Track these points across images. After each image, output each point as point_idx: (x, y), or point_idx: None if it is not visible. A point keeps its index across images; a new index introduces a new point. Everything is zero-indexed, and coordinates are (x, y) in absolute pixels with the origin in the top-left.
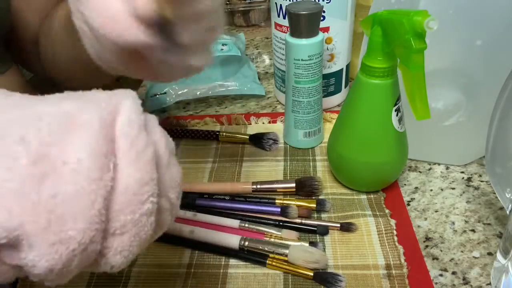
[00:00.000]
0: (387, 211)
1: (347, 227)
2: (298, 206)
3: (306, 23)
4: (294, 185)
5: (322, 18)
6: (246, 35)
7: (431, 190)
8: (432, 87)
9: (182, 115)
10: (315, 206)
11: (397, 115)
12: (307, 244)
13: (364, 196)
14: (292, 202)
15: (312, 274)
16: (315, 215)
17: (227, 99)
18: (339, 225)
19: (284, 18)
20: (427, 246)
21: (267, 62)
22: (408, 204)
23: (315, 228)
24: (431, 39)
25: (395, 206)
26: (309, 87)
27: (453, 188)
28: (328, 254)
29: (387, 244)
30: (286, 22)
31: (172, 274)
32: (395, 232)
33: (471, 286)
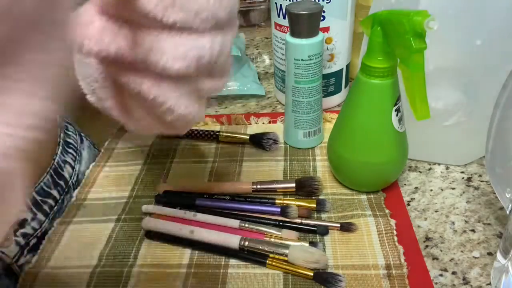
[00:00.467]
0: (387, 211)
1: (347, 227)
2: (298, 206)
3: (306, 23)
4: (294, 185)
5: (322, 18)
6: (246, 35)
7: (431, 190)
8: (432, 87)
9: None
10: (315, 206)
11: (397, 115)
12: (307, 244)
13: (364, 196)
14: (292, 202)
15: (312, 274)
16: (315, 215)
17: (227, 99)
18: (339, 225)
19: (284, 18)
20: (427, 246)
21: (267, 62)
22: (408, 204)
23: (315, 228)
24: (431, 39)
25: (395, 206)
26: (309, 87)
27: (453, 188)
28: (328, 254)
29: (387, 244)
30: (286, 22)
31: (172, 274)
32: (395, 232)
33: (471, 286)
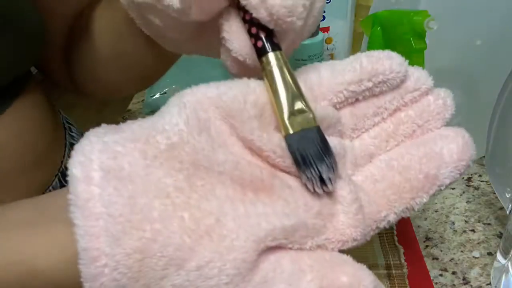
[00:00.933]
0: None
1: None
2: None
3: None
4: None
5: (322, 18)
6: None
7: None
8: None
9: None
10: None
11: None
12: None
13: None
14: None
15: None
16: None
17: None
18: None
19: None
20: (427, 246)
21: None
22: None
23: None
24: (431, 39)
25: None
26: None
27: (453, 188)
28: None
29: (387, 244)
30: None
31: None
32: (395, 232)
33: (471, 286)
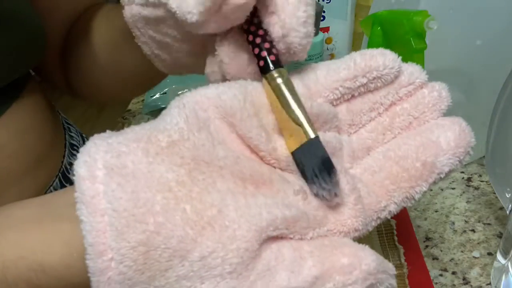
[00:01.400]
0: None
1: None
2: None
3: None
4: None
5: (322, 18)
6: None
7: (431, 190)
8: None
9: None
10: None
11: None
12: None
13: None
14: None
15: None
16: None
17: None
18: None
19: None
20: (427, 246)
21: None
22: None
23: None
24: (431, 39)
25: None
26: None
27: (453, 188)
28: None
29: (387, 244)
30: None
31: None
32: (395, 232)
33: (471, 286)
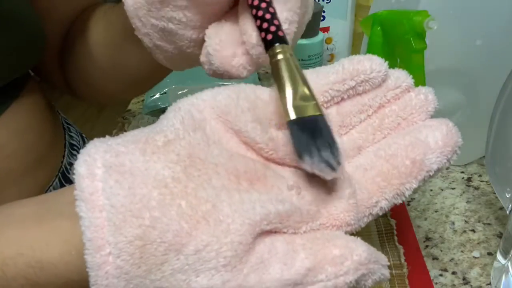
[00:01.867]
0: (387, 211)
1: None
2: None
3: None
4: None
5: (322, 18)
6: None
7: (431, 190)
8: (432, 87)
9: None
10: None
11: None
12: None
13: None
14: None
15: None
16: None
17: None
18: None
19: None
20: (427, 246)
21: None
22: (408, 204)
23: None
24: (431, 39)
25: (395, 206)
26: None
27: (453, 188)
28: None
29: (387, 244)
30: None
31: None
32: (395, 232)
33: (471, 286)
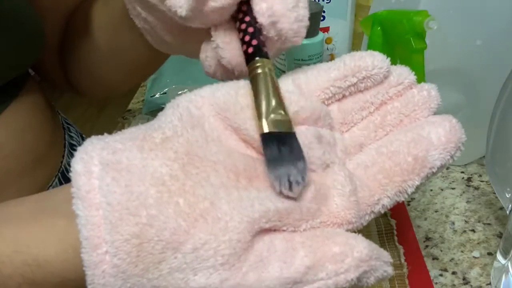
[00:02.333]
0: (387, 211)
1: None
2: None
3: None
4: None
5: (322, 18)
6: None
7: (431, 190)
8: None
9: None
10: None
11: None
12: None
13: None
14: None
15: None
16: None
17: None
18: None
19: None
20: (427, 246)
21: None
22: (408, 204)
23: None
24: (431, 39)
25: (395, 206)
26: None
27: (453, 188)
28: None
29: (387, 244)
30: None
31: None
32: (395, 232)
33: (471, 286)
